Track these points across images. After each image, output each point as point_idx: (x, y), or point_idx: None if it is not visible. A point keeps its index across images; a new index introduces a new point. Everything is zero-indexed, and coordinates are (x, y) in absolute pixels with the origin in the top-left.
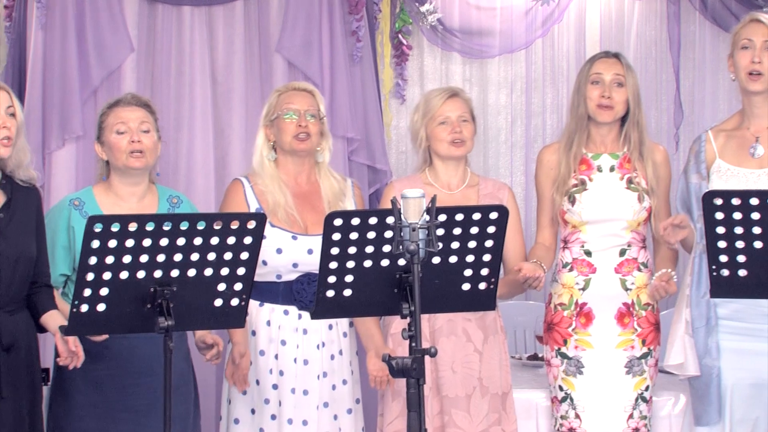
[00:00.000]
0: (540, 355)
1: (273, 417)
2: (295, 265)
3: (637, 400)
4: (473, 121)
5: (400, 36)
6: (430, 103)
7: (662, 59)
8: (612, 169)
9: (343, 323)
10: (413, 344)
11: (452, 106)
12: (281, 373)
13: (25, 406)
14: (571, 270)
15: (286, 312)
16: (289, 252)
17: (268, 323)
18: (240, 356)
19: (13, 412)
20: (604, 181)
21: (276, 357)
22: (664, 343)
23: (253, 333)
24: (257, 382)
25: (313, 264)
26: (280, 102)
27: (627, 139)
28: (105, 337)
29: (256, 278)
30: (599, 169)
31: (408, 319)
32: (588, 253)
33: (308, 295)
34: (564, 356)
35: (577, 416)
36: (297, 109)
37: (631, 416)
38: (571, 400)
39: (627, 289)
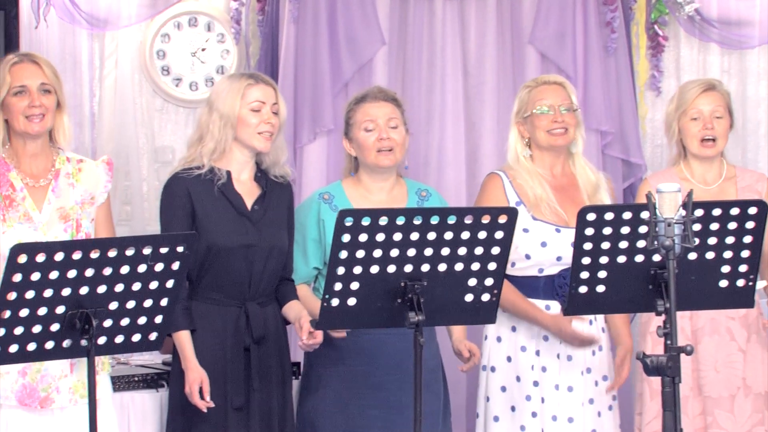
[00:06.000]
0: None
1: (534, 414)
2: (558, 259)
3: None
4: (730, 116)
5: (656, 27)
6: (684, 96)
7: None
8: None
9: (601, 319)
10: (668, 342)
11: (706, 101)
12: (543, 369)
13: (276, 399)
14: None
15: (547, 307)
16: (554, 245)
17: None
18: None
19: (263, 404)
20: None
21: (537, 353)
22: None
23: (513, 329)
24: (518, 379)
25: None
26: (531, 98)
27: None
28: (343, 334)
29: (516, 272)
30: None
31: (663, 317)
32: None
33: None
34: None
35: None
36: (550, 104)
37: None
38: None
39: None
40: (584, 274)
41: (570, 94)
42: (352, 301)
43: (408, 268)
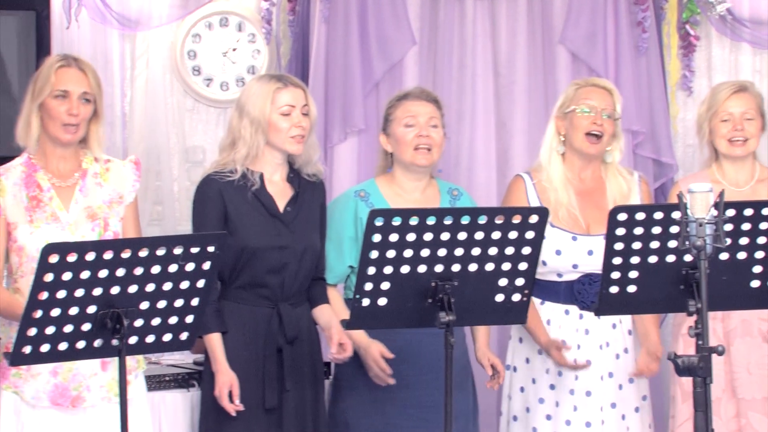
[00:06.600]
0: None
1: (548, 417)
2: (575, 266)
3: None
4: (761, 117)
5: (687, 26)
6: (715, 97)
7: None
8: None
9: (626, 321)
10: (700, 342)
11: (737, 102)
12: (559, 373)
13: (309, 399)
14: None
15: (566, 311)
16: (569, 253)
17: (548, 322)
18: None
19: (296, 404)
20: None
21: None
22: None
23: None
24: (533, 381)
25: (593, 265)
26: (577, 96)
27: None
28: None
29: (537, 276)
30: None
31: (695, 317)
32: None
33: (590, 295)
34: None
35: None
36: (594, 106)
37: None
38: None
39: None
40: (615, 275)
41: (616, 102)
42: (382, 301)
43: (439, 268)
